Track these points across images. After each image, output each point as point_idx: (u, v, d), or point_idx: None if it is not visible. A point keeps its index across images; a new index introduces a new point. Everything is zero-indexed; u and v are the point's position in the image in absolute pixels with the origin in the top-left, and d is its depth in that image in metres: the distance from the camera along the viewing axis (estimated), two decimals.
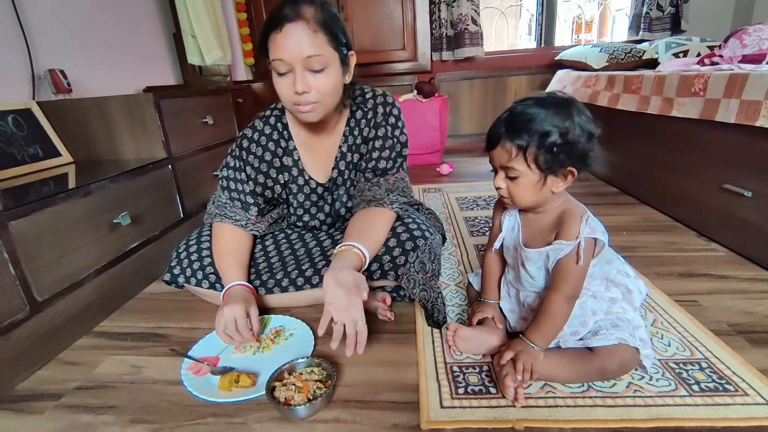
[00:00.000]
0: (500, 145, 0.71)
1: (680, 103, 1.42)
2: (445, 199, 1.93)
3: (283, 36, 0.81)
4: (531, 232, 0.79)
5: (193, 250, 1.07)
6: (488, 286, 0.92)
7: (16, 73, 1.39)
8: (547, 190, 0.72)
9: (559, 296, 0.73)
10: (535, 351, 0.73)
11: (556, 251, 0.73)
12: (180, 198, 1.50)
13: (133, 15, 1.98)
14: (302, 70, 0.83)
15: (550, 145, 0.67)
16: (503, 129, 0.70)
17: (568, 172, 0.70)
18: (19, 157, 1.26)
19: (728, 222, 1.26)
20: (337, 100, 0.93)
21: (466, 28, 2.79)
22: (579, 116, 0.68)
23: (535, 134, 0.67)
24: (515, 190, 0.73)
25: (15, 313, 0.89)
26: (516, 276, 0.85)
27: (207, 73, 2.33)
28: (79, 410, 0.78)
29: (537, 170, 0.69)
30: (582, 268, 0.71)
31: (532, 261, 0.78)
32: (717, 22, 2.62)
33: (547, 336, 0.74)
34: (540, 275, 0.79)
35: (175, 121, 1.51)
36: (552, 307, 0.73)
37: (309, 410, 0.71)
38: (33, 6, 1.45)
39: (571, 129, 0.67)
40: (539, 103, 0.69)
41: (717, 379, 0.75)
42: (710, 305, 0.99)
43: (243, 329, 0.88)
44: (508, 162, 0.70)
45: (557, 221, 0.75)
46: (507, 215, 0.84)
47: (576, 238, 0.71)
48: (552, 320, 0.73)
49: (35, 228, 0.95)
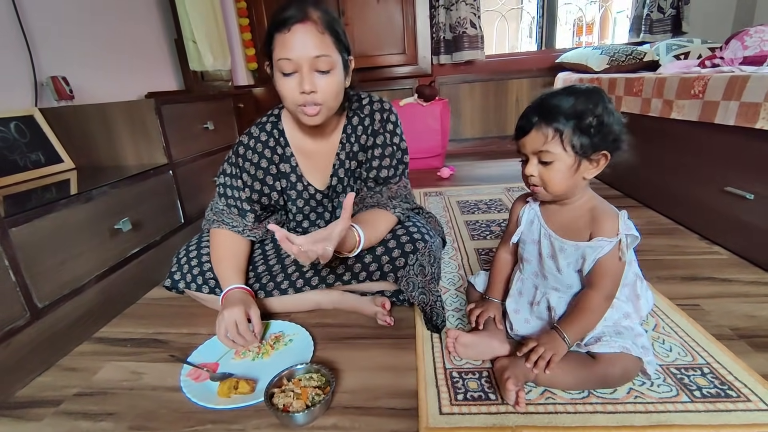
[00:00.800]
0: (535, 129, 0.71)
1: (680, 105, 1.41)
2: (446, 202, 1.93)
3: (292, 35, 0.82)
4: (556, 225, 0.79)
5: (193, 256, 1.07)
6: (496, 284, 0.92)
7: (18, 80, 1.40)
8: (579, 176, 0.72)
9: (599, 294, 0.73)
10: (563, 343, 0.72)
11: (596, 249, 0.73)
12: (181, 203, 1.51)
13: (135, 21, 2.00)
14: (309, 71, 0.84)
15: (586, 127, 0.68)
16: (537, 115, 0.71)
17: (600, 156, 0.71)
18: (22, 163, 1.27)
19: (731, 225, 1.25)
20: (339, 104, 0.93)
21: (464, 32, 2.79)
22: (609, 102, 0.70)
23: (571, 116, 0.68)
24: (549, 176, 0.72)
25: (15, 319, 0.89)
26: (537, 270, 0.83)
27: (209, 79, 2.34)
28: (79, 417, 0.78)
29: (572, 153, 0.70)
30: (622, 265, 0.73)
31: (567, 253, 0.76)
32: (718, 23, 2.61)
33: (580, 331, 0.74)
34: (569, 270, 0.78)
35: (176, 126, 1.51)
36: (591, 304, 0.74)
37: (308, 417, 0.71)
38: (36, 13, 1.47)
39: (604, 113, 0.69)
40: (569, 92, 0.71)
41: (719, 384, 0.74)
42: (712, 309, 0.98)
43: (244, 332, 0.88)
44: (543, 146, 0.70)
45: (590, 218, 0.75)
46: (526, 209, 0.84)
47: (616, 235, 0.71)
48: (588, 317, 0.74)
49: (36, 234, 0.95)
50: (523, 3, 3.45)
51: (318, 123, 0.91)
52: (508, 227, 0.90)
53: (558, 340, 0.73)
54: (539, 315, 0.84)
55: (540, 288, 0.84)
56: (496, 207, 1.81)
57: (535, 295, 0.84)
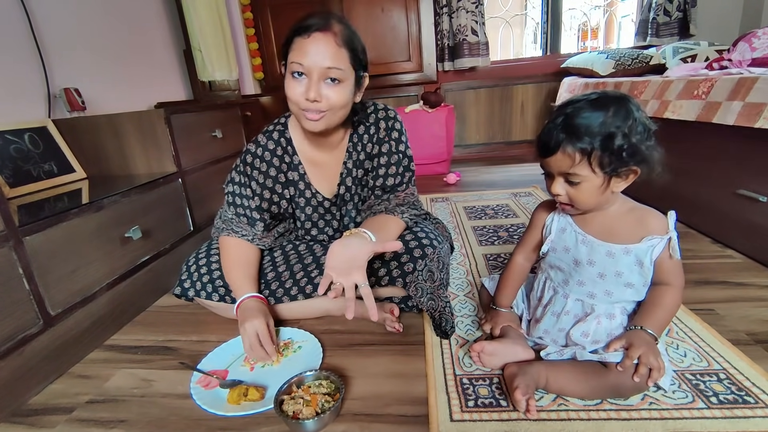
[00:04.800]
0: (561, 151, 0.67)
1: (677, 105, 1.40)
2: (453, 208, 1.93)
3: (310, 42, 0.83)
4: (596, 230, 0.76)
5: (203, 263, 1.08)
6: (507, 290, 0.89)
7: (32, 92, 1.43)
8: (608, 192, 0.70)
9: (674, 290, 0.73)
10: (654, 343, 0.71)
11: (649, 249, 0.71)
12: (190, 211, 1.52)
13: (144, 33, 2.04)
14: (318, 80, 0.85)
15: (615, 148, 0.64)
16: (562, 134, 0.67)
17: (630, 171, 0.68)
18: (35, 173, 1.30)
19: (744, 228, 1.23)
20: (344, 117, 0.93)
21: (464, 39, 2.79)
22: (638, 111, 0.67)
23: (598, 137, 0.64)
24: (577, 196, 0.70)
25: (29, 327, 0.90)
26: (568, 278, 0.80)
27: (217, 88, 2.38)
28: (90, 424, 0.79)
29: (601, 174, 0.67)
30: (679, 261, 0.72)
31: (618, 258, 0.73)
32: (725, 26, 2.60)
33: (661, 328, 0.73)
34: (630, 271, 0.74)
35: (186, 135, 1.53)
36: (666, 300, 0.73)
37: (317, 424, 0.71)
38: (49, 27, 1.50)
39: (633, 128, 0.65)
40: (594, 105, 0.66)
41: (736, 390, 0.73)
42: (727, 314, 0.96)
43: (267, 344, 0.88)
44: (570, 168, 0.67)
45: (635, 219, 0.73)
46: (556, 217, 0.81)
47: (666, 233, 0.70)
48: (666, 312, 0.73)
49: (49, 243, 0.96)
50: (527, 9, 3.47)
51: (319, 129, 0.91)
52: (529, 234, 0.87)
53: (651, 340, 0.71)
54: (561, 326, 0.81)
55: (571, 296, 0.80)
56: (503, 212, 1.80)
57: (566, 304, 0.80)
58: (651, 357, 0.68)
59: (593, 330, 0.76)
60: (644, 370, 0.68)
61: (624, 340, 0.71)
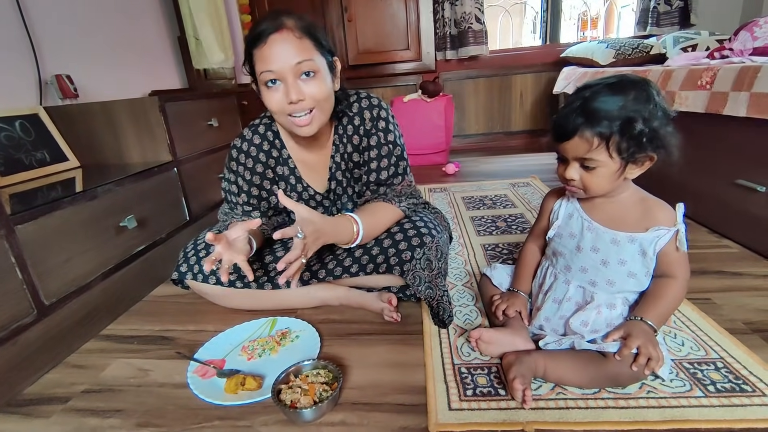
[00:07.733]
0: (578, 136, 0.66)
1: (683, 96, 1.39)
2: (452, 198, 1.92)
3: (270, 47, 0.81)
4: (603, 217, 0.75)
5: (201, 248, 1.06)
6: (524, 277, 0.90)
7: (23, 78, 1.40)
8: (622, 178, 0.69)
9: (678, 282, 0.72)
10: (653, 333, 0.71)
11: (654, 239, 0.71)
12: (186, 201, 1.50)
13: (138, 19, 1.99)
14: (294, 79, 0.82)
15: (635, 133, 0.63)
16: (580, 119, 0.65)
17: (647, 157, 0.67)
18: (27, 162, 1.27)
19: (741, 218, 1.23)
20: (331, 108, 0.91)
21: (469, 27, 2.77)
22: (658, 96, 0.65)
23: (617, 122, 0.63)
24: (591, 180, 0.70)
25: (22, 317, 0.89)
26: (570, 264, 0.80)
27: (212, 77, 2.34)
28: (86, 414, 0.78)
29: (618, 159, 0.66)
30: (684, 253, 0.71)
31: (622, 246, 0.73)
32: (726, 15, 2.57)
33: (662, 320, 0.73)
34: (617, 266, 0.74)
35: (181, 124, 1.51)
36: (669, 292, 0.72)
37: (315, 413, 0.70)
38: (40, 12, 1.47)
39: (654, 113, 0.63)
40: (613, 88, 0.65)
41: (733, 379, 0.73)
42: (724, 303, 0.96)
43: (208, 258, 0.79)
44: (586, 153, 0.66)
45: (642, 209, 0.73)
46: (563, 203, 0.81)
47: (674, 224, 0.70)
48: (669, 304, 0.73)
49: (42, 232, 0.95)
50: None
51: (312, 133, 0.89)
52: (539, 221, 0.88)
53: (650, 331, 0.70)
54: (562, 313, 0.80)
55: (572, 283, 0.79)
56: (501, 203, 1.79)
57: (567, 291, 0.80)
58: (649, 347, 0.68)
59: (593, 319, 0.76)
60: (642, 360, 0.68)
61: (622, 330, 0.71)
